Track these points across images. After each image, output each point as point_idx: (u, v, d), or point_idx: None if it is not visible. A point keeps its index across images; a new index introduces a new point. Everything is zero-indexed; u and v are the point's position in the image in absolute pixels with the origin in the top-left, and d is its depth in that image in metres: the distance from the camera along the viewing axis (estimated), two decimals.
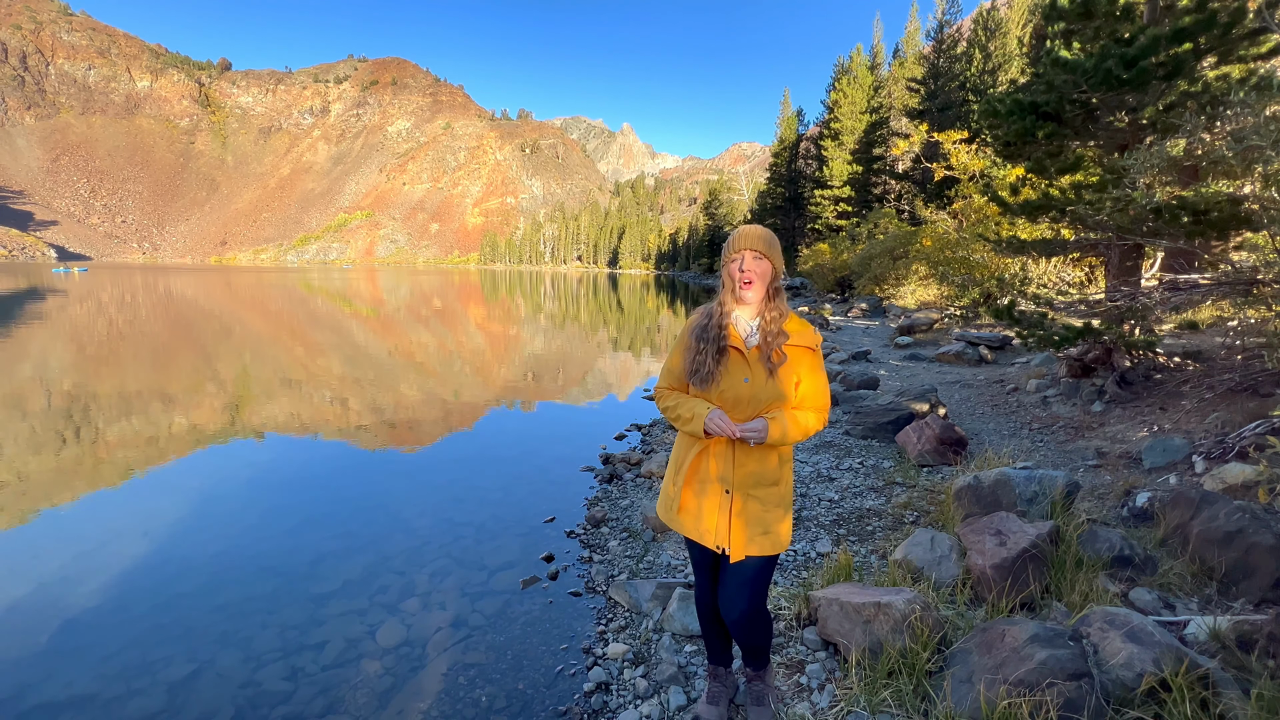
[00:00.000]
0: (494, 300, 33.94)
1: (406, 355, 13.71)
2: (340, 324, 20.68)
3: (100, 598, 3.44)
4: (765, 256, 1.87)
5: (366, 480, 5.53)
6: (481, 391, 9.80)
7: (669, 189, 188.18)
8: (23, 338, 15.13)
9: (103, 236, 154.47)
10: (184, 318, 21.03)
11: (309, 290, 38.25)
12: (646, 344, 16.10)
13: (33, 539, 4.33)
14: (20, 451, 6.32)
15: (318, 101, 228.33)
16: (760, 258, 1.87)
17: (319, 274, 74.57)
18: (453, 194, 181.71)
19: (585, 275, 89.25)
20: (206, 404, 8.66)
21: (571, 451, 6.15)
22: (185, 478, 5.72)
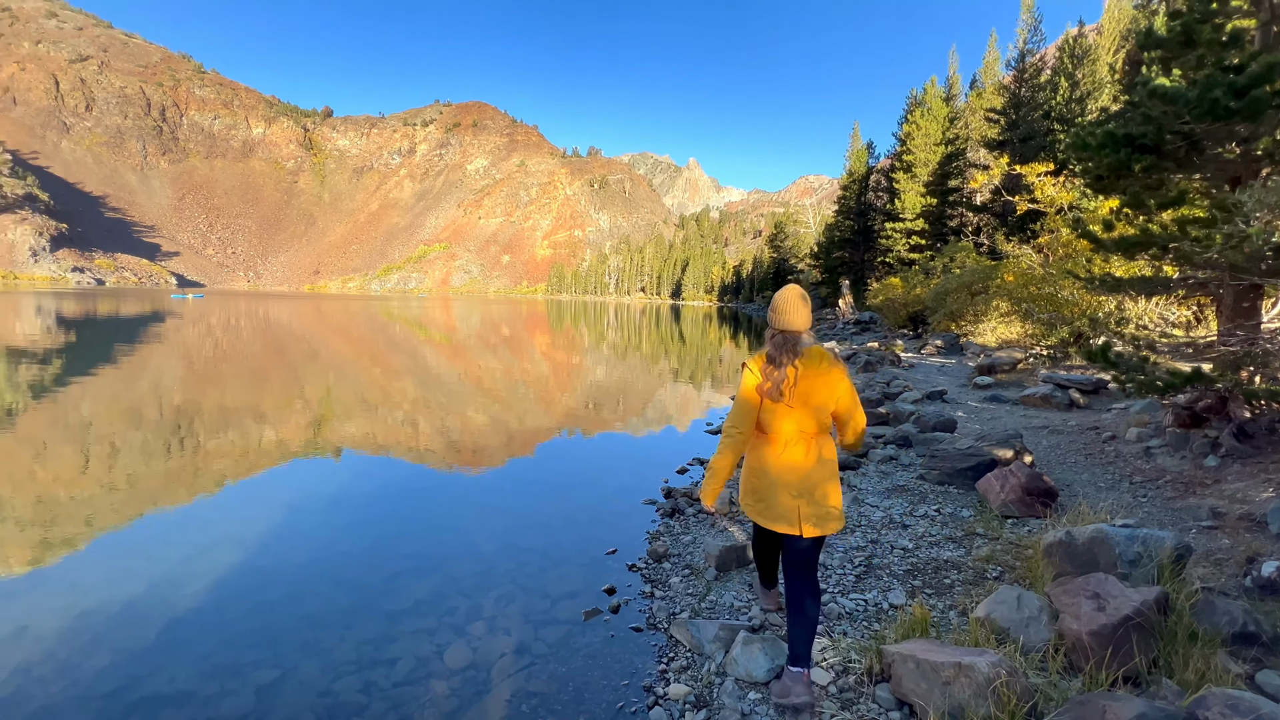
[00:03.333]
0: (558, 329, 34.87)
1: (474, 380, 14.26)
2: (415, 349, 21.82)
3: (201, 599, 3.73)
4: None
5: (436, 501, 5.75)
6: (544, 418, 10.03)
7: (733, 222, 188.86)
8: (143, 356, 16.88)
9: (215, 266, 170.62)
10: (278, 340, 22.84)
11: (388, 317, 40.69)
12: (707, 376, 16.02)
13: (145, 541, 4.76)
14: (134, 458, 7.00)
15: (405, 143, 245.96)
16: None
17: (398, 301, 79.30)
18: (524, 227, 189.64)
19: (648, 306, 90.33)
20: (293, 420, 9.31)
21: (633, 483, 6.17)
22: (273, 490, 6.14)
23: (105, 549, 4.62)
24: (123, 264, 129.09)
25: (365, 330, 28.93)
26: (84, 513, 5.34)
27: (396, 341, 24.32)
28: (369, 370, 15.72)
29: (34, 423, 8.76)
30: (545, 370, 16.98)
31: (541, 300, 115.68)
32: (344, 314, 42.48)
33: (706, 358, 20.76)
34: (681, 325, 40.82)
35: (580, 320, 44.88)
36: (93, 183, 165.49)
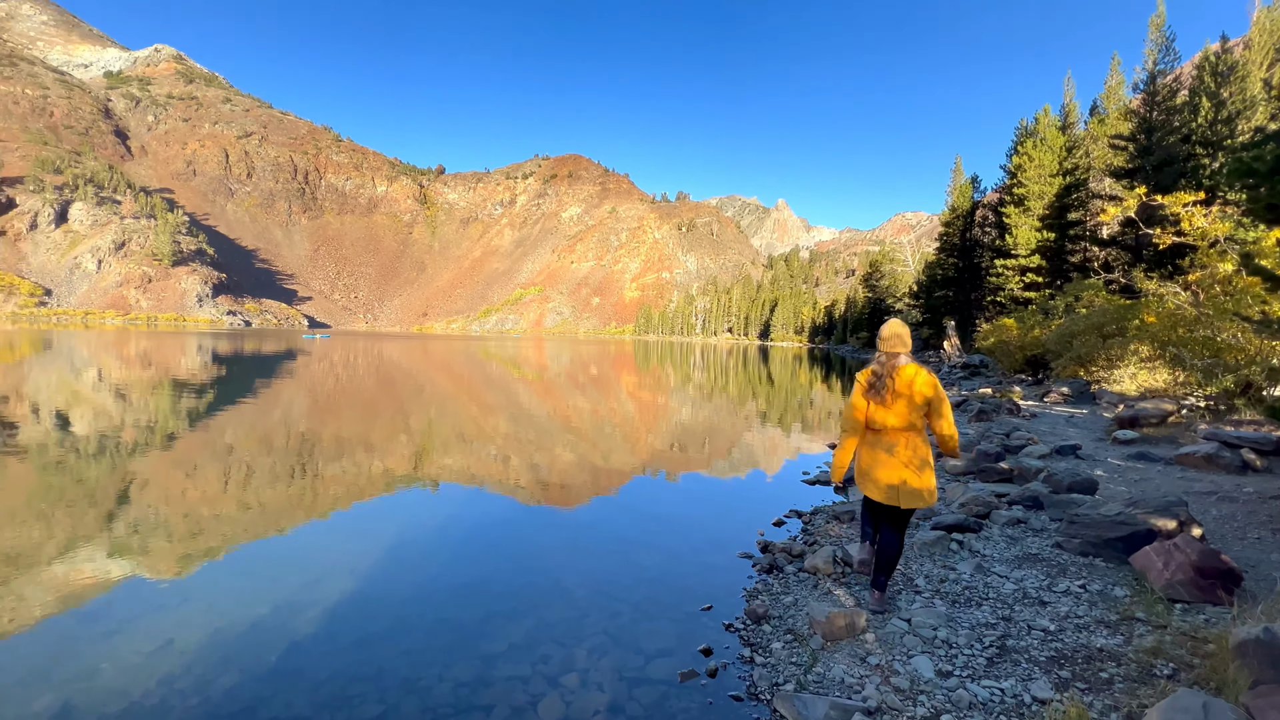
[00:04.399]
0: (645, 369, 35.16)
1: (563, 418, 14.55)
2: (508, 386, 22.76)
3: (316, 626, 3.92)
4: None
5: (528, 540, 5.78)
6: (629, 458, 9.97)
7: (824, 261, 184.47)
8: (277, 389, 18.82)
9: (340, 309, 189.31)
10: (388, 376, 24.69)
11: (486, 355, 42.99)
12: (797, 420, 15.36)
13: (271, 563, 5.13)
14: (264, 482, 7.67)
15: (507, 194, 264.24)
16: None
17: (495, 341, 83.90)
18: (613, 270, 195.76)
19: (735, 347, 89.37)
20: (397, 452, 9.87)
21: (726, 534, 5.90)
22: (380, 520, 6.46)
23: (237, 567, 5.01)
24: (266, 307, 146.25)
25: (465, 368, 30.67)
26: (221, 530, 5.87)
27: (492, 379, 25.52)
28: (466, 406, 16.53)
29: (188, 445, 9.91)
30: (631, 410, 17.05)
31: (629, 340, 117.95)
32: (446, 352, 45.40)
33: (796, 400, 20.01)
34: (770, 366, 39.87)
35: (666, 360, 45.10)
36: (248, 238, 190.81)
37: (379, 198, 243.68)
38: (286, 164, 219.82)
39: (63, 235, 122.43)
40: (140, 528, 5.89)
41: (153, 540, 5.56)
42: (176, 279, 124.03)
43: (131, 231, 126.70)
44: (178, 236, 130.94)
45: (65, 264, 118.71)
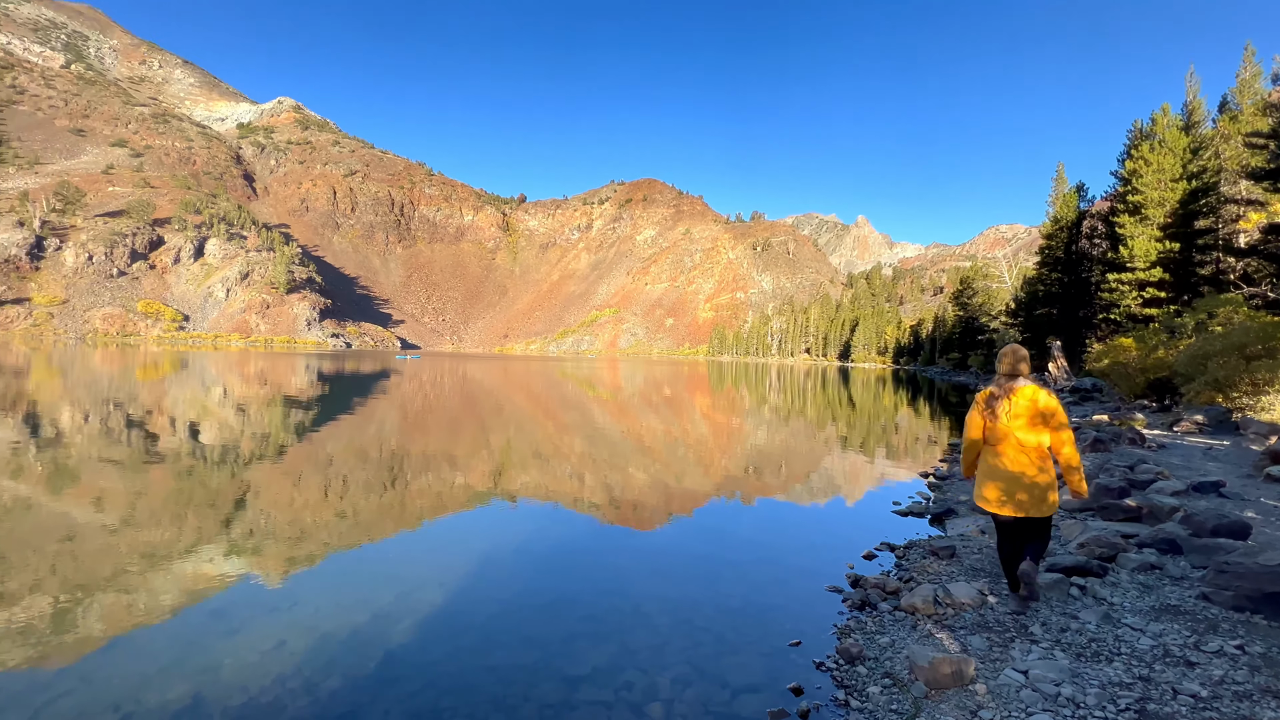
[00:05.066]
0: (719, 390, 34.70)
1: (636, 439, 14.55)
2: (583, 406, 23.13)
3: (410, 637, 4.06)
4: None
5: (606, 563, 5.76)
6: (703, 481, 9.78)
7: (909, 279, 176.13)
8: (371, 406, 20.14)
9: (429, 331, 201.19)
10: (471, 395, 25.80)
11: (562, 375, 44.07)
12: (882, 445, 14.53)
13: (368, 571, 5.40)
14: (359, 493, 8.15)
15: (584, 220, 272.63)
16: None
17: (572, 362, 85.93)
18: (687, 291, 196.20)
19: (813, 368, 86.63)
20: (478, 468, 10.22)
21: (811, 565, 5.62)
22: (465, 535, 6.68)
23: (338, 574, 5.32)
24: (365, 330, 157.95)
25: (542, 388, 31.55)
26: (321, 537, 6.27)
27: (567, 399, 26.07)
28: (543, 425, 16.94)
29: (295, 457, 10.75)
30: (705, 431, 16.82)
31: (703, 361, 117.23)
32: (525, 373, 46.98)
33: (880, 425, 18.99)
34: (850, 388, 38.24)
35: (741, 381, 44.34)
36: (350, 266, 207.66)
37: (466, 226, 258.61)
38: (385, 198, 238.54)
39: (199, 268, 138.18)
40: (254, 531, 6.41)
41: (264, 544, 6.02)
42: (290, 305, 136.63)
43: (254, 263, 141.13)
44: (292, 267, 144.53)
45: (200, 293, 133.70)
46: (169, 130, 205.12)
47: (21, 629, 4.09)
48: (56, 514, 6.82)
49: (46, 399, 18.53)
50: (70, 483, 8.33)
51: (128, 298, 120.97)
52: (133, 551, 5.70)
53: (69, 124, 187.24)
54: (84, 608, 4.46)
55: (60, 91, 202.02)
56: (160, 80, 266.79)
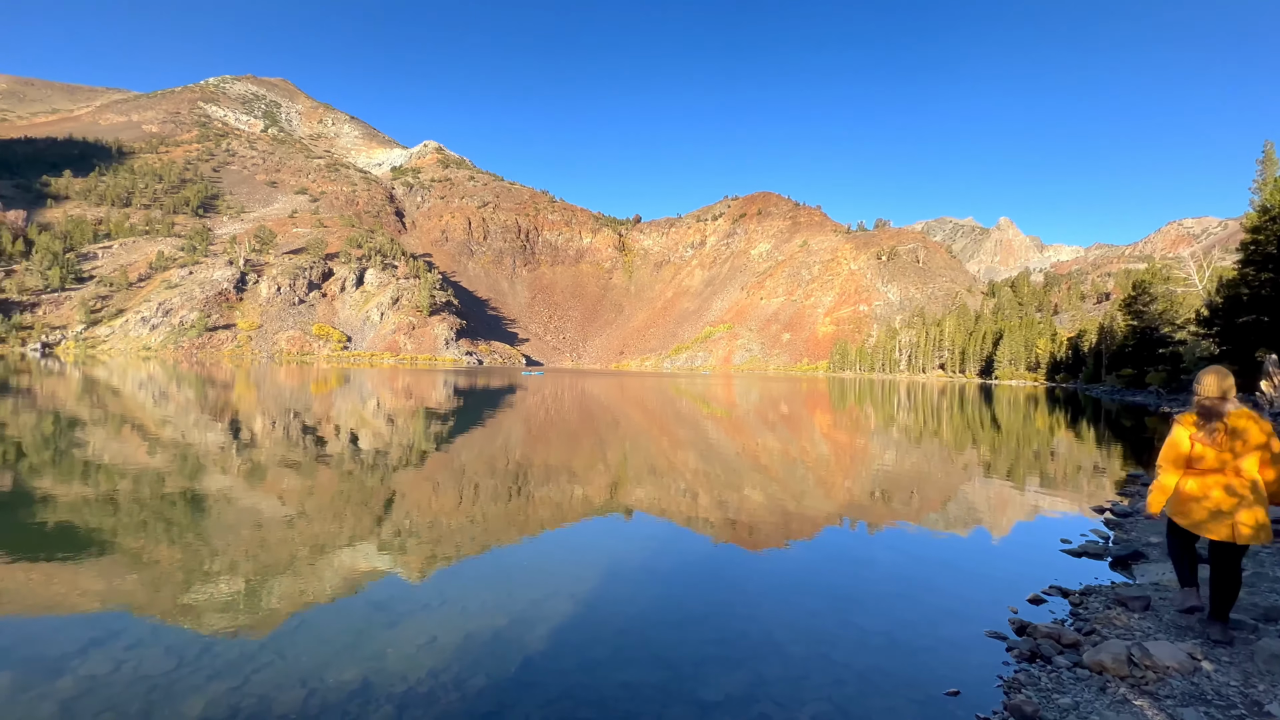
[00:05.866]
0: (841, 408, 32.92)
1: (752, 457, 14.19)
2: (697, 422, 23.04)
3: (544, 644, 4.26)
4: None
5: (732, 584, 5.64)
6: (824, 504, 9.28)
7: (1065, 285, 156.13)
8: (499, 419, 21.60)
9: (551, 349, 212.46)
10: (589, 409, 26.76)
11: (676, 392, 44.30)
12: (1034, 472, 12.88)
13: (502, 577, 5.77)
14: (488, 501, 8.74)
15: (697, 237, 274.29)
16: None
17: (686, 378, 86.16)
18: (805, 305, 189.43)
19: (949, 385, 79.36)
20: (597, 481, 10.52)
21: (964, 605, 5.11)
22: (589, 547, 6.90)
23: (478, 577, 5.75)
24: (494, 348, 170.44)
25: (656, 403, 31.95)
26: (458, 540, 6.80)
27: (682, 415, 26.13)
28: (658, 440, 17.11)
29: (434, 464, 11.82)
30: (825, 451, 16.01)
31: (823, 378, 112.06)
32: (640, 388, 47.88)
33: (1032, 450, 16.89)
34: (994, 408, 34.49)
35: (865, 399, 41.75)
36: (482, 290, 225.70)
37: (585, 248, 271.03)
38: (512, 225, 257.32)
39: (360, 295, 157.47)
40: (399, 531, 7.11)
41: (408, 543, 6.66)
42: (431, 326, 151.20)
43: (403, 289, 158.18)
44: (433, 292, 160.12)
45: (360, 316, 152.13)
46: (338, 177, 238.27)
47: (227, 603, 4.88)
48: (248, 506, 8.06)
49: (245, 408, 22.06)
50: (259, 479, 9.81)
51: (305, 322, 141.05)
52: (305, 541, 6.57)
53: (265, 178, 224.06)
54: (271, 589, 5.22)
55: (260, 151, 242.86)
56: (333, 135, 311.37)
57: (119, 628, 4.34)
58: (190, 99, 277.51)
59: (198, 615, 4.61)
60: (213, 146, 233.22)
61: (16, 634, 4.24)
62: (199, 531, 6.81)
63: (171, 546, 6.25)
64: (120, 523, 7.02)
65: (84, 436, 13.84)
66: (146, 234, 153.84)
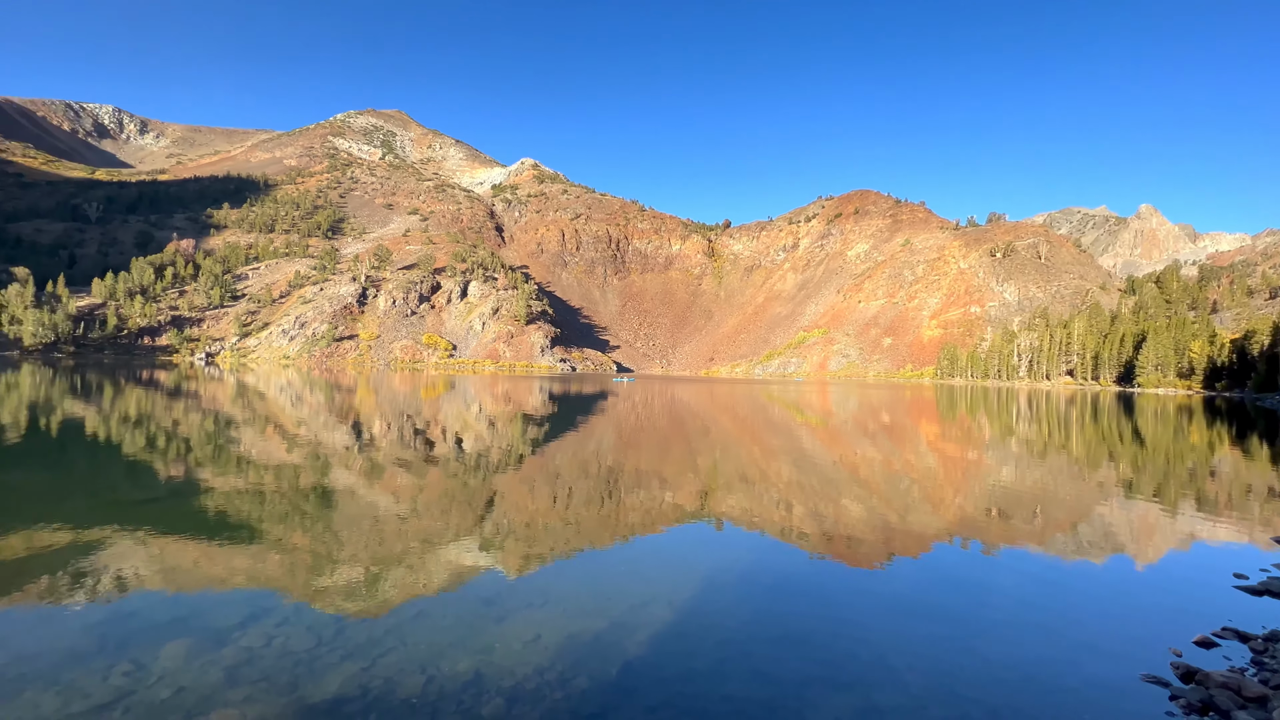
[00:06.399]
0: (950, 418, 30.59)
1: (850, 468, 13.53)
2: (791, 431, 22.33)
3: (644, 649, 4.31)
4: None
5: (836, 601, 5.43)
6: (932, 520, 8.65)
7: (1226, 278, 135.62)
8: (592, 424, 22.13)
9: (641, 356, 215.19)
10: (679, 417, 26.75)
11: (768, 399, 43.23)
12: (1189, 493, 11.24)
13: (598, 578, 5.92)
14: (580, 503, 8.97)
15: (789, 240, 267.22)
16: None
17: (778, 385, 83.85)
18: (907, 308, 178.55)
19: (1079, 394, 71.38)
20: (687, 487, 10.48)
21: (1112, 642, 4.56)
22: (684, 556, 6.89)
23: (576, 578, 5.93)
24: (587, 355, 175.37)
25: (747, 411, 31.35)
26: (554, 541, 7.05)
27: (774, 423, 25.45)
28: (749, 448, 16.77)
29: (530, 466, 12.33)
30: (932, 464, 14.94)
31: (928, 385, 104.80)
32: (730, 395, 47.22)
33: (1186, 468, 14.78)
34: (1136, 420, 30.58)
35: (978, 408, 38.51)
36: (574, 299, 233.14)
37: (674, 255, 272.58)
38: (603, 236, 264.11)
39: (464, 306, 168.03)
40: (499, 530, 7.48)
41: (508, 541, 7.00)
42: (528, 334, 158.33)
43: (502, 300, 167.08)
44: (530, 302, 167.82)
45: (464, 326, 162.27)
46: (445, 197, 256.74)
47: (354, 589, 5.38)
48: (368, 501, 8.82)
49: (365, 412, 24.21)
50: (377, 477, 10.72)
51: (416, 332, 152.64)
52: (417, 535, 7.09)
53: (383, 201, 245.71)
54: (389, 578, 5.69)
55: (378, 177, 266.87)
56: (440, 159, 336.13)
57: (268, 606, 4.91)
58: (321, 134, 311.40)
59: (330, 598, 5.12)
60: (339, 175, 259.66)
61: (188, 607, 4.91)
62: (328, 522, 7.55)
63: (305, 534, 6.98)
64: (264, 512, 7.94)
65: (237, 435, 15.82)
66: (286, 256, 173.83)
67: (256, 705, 3.47)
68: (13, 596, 4.97)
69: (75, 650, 4.07)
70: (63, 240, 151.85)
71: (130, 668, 3.84)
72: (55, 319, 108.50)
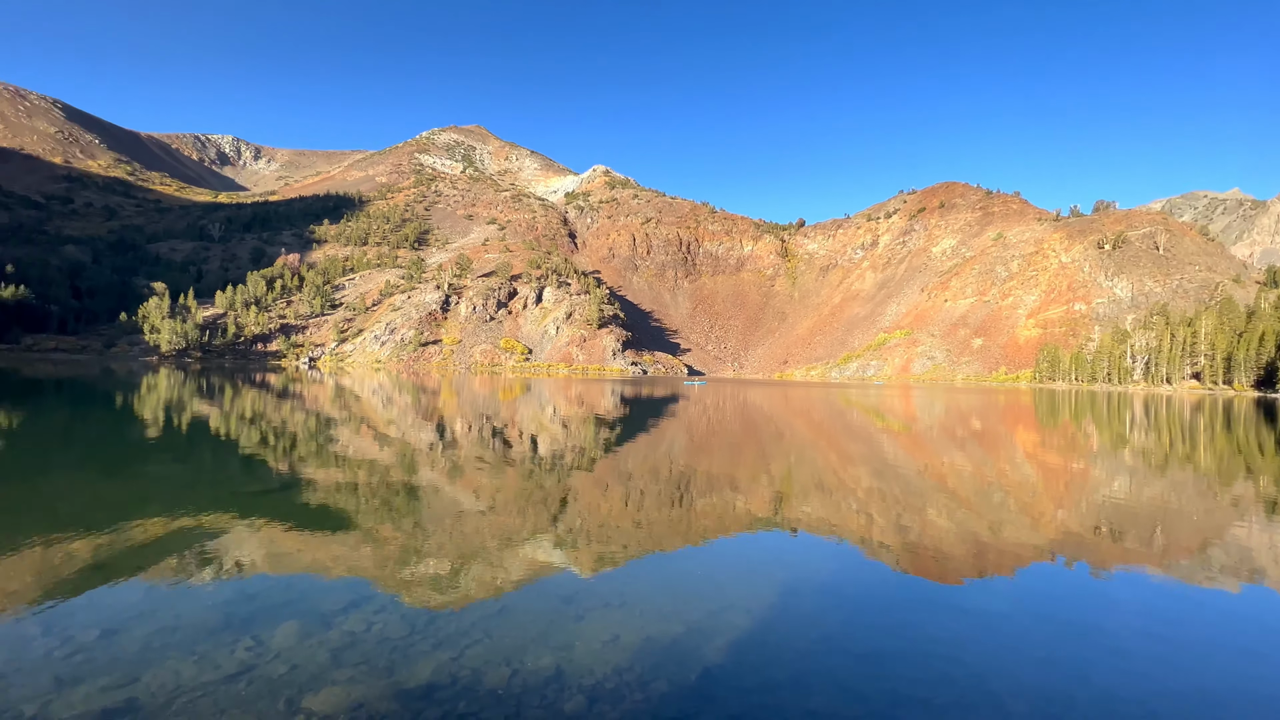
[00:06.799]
0: (1051, 425, 28.23)
1: (936, 477, 12.78)
2: (870, 437, 21.38)
3: (723, 657, 4.28)
4: None
5: (925, 619, 5.13)
6: (1030, 536, 8.00)
7: None
8: (663, 427, 22.18)
9: (712, 359, 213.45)
10: (752, 421, 26.29)
11: (846, 403, 41.64)
12: None
13: (672, 582, 5.93)
14: (651, 506, 9.01)
15: (868, 237, 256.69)
16: None
17: (856, 389, 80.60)
18: (1001, 306, 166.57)
19: (1206, 400, 63.80)
20: (760, 494, 10.28)
21: (1248, 682, 4.07)
22: (760, 563, 6.77)
23: (651, 581, 5.98)
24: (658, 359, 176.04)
25: (823, 415, 30.34)
26: (627, 543, 7.13)
27: (852, 428, 24.49)
28: (825, 454, 16.22)
29: (603, 468, 12.53)
30: (1030, 475, 13.84)
31: (1026, 389, 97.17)
32: (805, 399, 45.89)
33: None
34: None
35: (1085, 415, 35.28)
36: (645, 302, 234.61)
37: (745, 257, 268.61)
38: (674, 239, 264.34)
39: (539, 311, 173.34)
40: (572, 530, 7.66)
41: (581, 541, 7.15)
42: (600, 338, 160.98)
43: (575, 305, 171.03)
44: (602, 306, 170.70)
45: (539, 331, 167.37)
46: (521, 206, 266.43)
47: (441, 581, 5.68)
48: (451, 498, 9.29)
49: (448, 413, 25.50)
50: (459, 475, 11.26)
51: (494, 337, 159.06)
52: (496, 532, 7.39)
53: (464, 212, 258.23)
54: (473, 572, 5.96)
55: (459, 190, 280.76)
56: (516, 170, 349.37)
57: (366, 594, 5.28)
58: (408, 151, 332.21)
59: (420, 589, 5.44)
60: (425, 189, 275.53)
61: (297, 590, 5.37)
62: (415, 516, 8.02)
63: (395, 528, 7.45)
64: (359, 505, 8.55)
65: (336, 434, 17.12)
66: (378, 266, 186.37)
67: (359, 686, 3.75)
68: (154, 573, 5.63)
69: (207, 625, 4.56)
70: (192, 257, 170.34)
71: (252, 644, 4.26)
72: (186, 328, 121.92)
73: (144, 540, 6.58)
